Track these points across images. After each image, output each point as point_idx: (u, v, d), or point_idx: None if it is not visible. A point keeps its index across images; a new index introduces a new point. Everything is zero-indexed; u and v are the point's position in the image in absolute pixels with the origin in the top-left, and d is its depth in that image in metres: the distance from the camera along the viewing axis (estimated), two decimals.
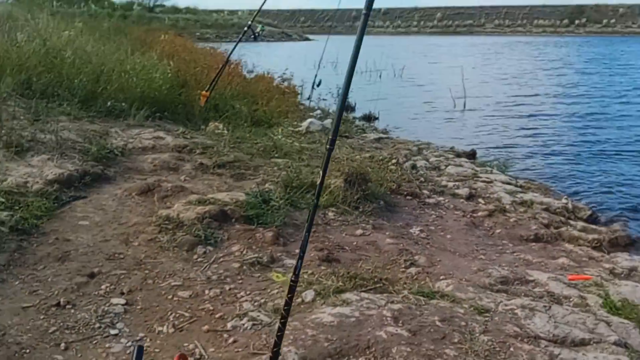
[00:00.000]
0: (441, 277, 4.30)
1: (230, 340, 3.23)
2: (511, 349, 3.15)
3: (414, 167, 7.90)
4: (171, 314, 3.49)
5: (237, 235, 4.59)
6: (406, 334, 3.24)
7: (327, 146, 2.50)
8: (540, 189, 7.76)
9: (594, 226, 6.36)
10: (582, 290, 4.22)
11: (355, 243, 4.91)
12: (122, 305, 3.53)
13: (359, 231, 5.20)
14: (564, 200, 6.94)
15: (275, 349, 2.29)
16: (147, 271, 3.96)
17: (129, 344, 3.16)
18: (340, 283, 3.87)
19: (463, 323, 3.40)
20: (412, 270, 4.41)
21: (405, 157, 8.41)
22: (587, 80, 22.96)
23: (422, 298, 3.76)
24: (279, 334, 2.37)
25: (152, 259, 4.12)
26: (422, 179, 7.27)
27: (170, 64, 8.63)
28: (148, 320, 3.41)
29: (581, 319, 3.57)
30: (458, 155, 9.46)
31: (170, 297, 3.68)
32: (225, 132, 7.51)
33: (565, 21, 70.21)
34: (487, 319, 3.52)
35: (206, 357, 3.08)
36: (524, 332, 3.36)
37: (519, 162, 9.64)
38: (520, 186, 7.67)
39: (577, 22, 69.17)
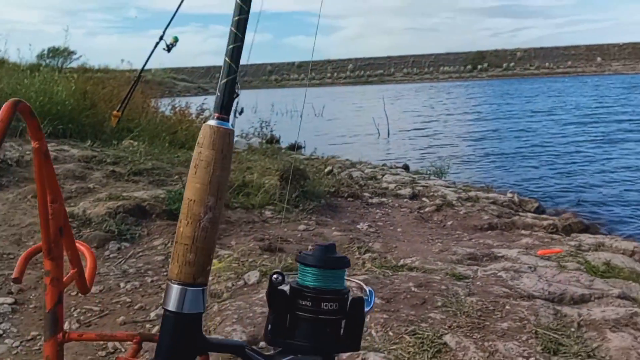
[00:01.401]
0: (402, 259, 3.73)
1: (155, 330, 2.48)
2: (507, 307, 2.59)
3: (350, 177, 7.41)
4: (75, 310, 2.69)
5: (160, 230, 3.84)
6: (379, 301, 2.61)
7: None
8: (482, 190, 7.45)
9: (544, 216, 6.06)
10: (558, 261, 3.77)
11: (299, 235, 4.28)
12: (10, 304, 2.70)
13: (302, 226, 4.57)
14: (509, 195, 6.63)
15: None
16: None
17: (16, 343, 2.34)
18: (290, 262, 3.21)
19: (443, 287, 2.82)
20: (368, 255, 3.81)
21: (340, 168, 7.92)
22: (490, 109, 24.23)
23: (388, 271, 3.16)
24: None
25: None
26: (361, 182, 6.77)
27: (74, 77, 7.78)
28: (44, 319, 2.60)
29: (574, 277, 3.09)
30: (391, 168, 9.09)
31: (74, 293, 2.87)
32: (142, 147, 6.73)
33: (469, 67, 74.17)
34: (468, 283, 2.96)
35: (123, 350, 2.31)
36: (515, 292, 2.82)
37: (452, 172, 9.40)
38: (461, 189, 7.33)
39: (479, 67, 73.24)
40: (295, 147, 12.93)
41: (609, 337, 2.30)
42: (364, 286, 0.86)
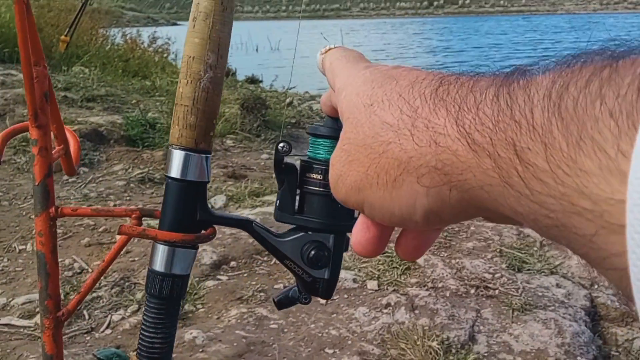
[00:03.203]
0: None
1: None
2: (472, 228, 2.63)
3: (311, 109, 7.34)
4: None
5: (119, 155, 3.73)
6: None
7: None
8: None
9: None
10: None
11: (262, 164, 4.22)
12: None
13: (265, 155, 4.52)
14: None
15: None
16: (0, 194, 3.01)
17: None
18: (257, 186, 3.18)
19: None
20: None
21: (299, 101, 7.82)
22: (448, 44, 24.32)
23: None
24: None
25: (8, 182, 3.16)
26: (322, 115, 6.71)
27: None
28: (5, 241, 2.51)
29: None
30: None
31: (34, 217, 2.78)
32: (94, 74, 6.45)
33: (425, 3, 73.60)
34: None
35: (89, 270, 2.26)
36: None
37: None
38: None
39: (435, 3, 72.72)
40: (253, 81, 12.67)
41: (570, 254, 2.38)
42: None
